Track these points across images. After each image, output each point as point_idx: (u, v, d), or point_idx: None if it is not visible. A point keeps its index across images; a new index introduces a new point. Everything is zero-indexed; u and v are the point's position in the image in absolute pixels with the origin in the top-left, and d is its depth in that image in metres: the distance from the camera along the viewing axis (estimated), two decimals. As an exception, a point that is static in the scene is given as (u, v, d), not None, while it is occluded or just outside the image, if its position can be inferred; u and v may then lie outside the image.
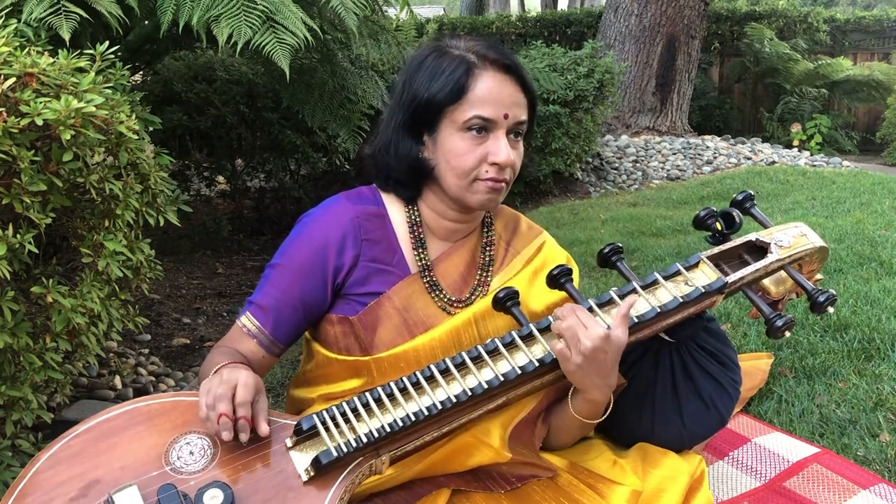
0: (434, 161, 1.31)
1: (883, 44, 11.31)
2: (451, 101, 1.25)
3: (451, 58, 1.28)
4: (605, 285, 3.18)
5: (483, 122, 1.25)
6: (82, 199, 1.69)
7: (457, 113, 1.26)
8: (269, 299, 1.32)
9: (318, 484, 1.11)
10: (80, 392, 2.38)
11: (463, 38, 1.33)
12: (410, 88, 1.30)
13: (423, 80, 1.28)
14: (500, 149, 1.25)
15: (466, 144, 1.26)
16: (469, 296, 1.36)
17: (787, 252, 1.35)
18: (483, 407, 1.22)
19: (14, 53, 1.51)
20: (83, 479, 1.06)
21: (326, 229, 1.32)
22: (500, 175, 1.27)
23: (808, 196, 4.83)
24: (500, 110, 1.26)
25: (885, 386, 2.03)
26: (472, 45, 1.30)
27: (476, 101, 1.25)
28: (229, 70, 4.40)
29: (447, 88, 1.25)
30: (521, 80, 1.29)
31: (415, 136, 1.31)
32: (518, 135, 1.31)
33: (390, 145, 1.33)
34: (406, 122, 1.31)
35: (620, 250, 1.36)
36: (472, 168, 1.26)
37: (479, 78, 1.26)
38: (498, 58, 1.28)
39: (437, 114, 1.27)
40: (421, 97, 1.27)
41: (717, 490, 1.62)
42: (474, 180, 1.27)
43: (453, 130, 1.27)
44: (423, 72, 1.29)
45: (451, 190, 1.30)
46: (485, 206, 1.30)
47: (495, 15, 11.94)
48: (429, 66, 1.29)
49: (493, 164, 1.26)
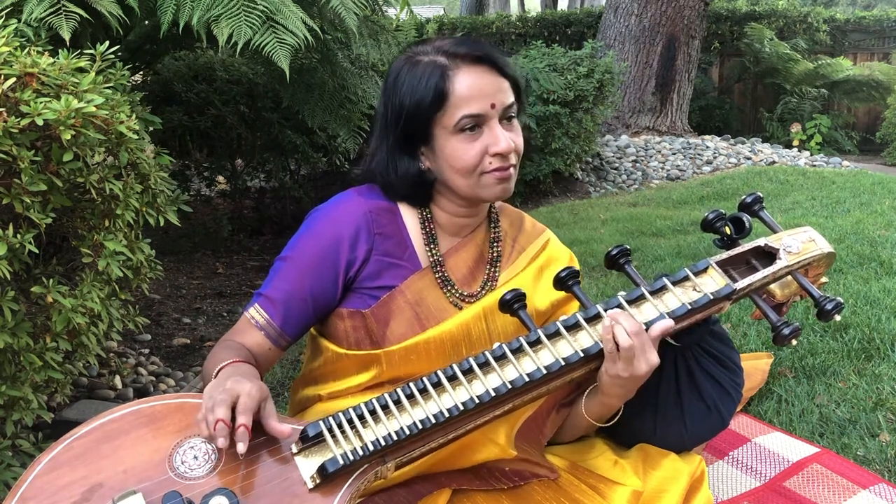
0: (437, 170, 1.30)
1: (883, 44, 11.31)
2: (436, 109, 1.25)
3: (423, 66, 1.27)
4: (605, 285, 3.18)
5: (473, 120, 1.25)
6: (82, 199, 1.69)
7: (445, 118, 1.25)
8: (279, 292, 1.31)
9: (324, 491, 1.09)
10: (81, 392, 2.38)
11: (430, 41, 1.31)
12: (393, 107, 1.29)
13: (403, 95, 1.27)
14: (499, 138, 1.25)
15: (463, 144, 1.26)
16: (479, 290, 1.37)
17: (795, 258, 1.32)
18: (489, 413, 1.20)
19: (14, 53, 1.51)
20: (86, 482, 1.04)
21: (339, 224, 1.32)
22: (505, 163, 1.27)
23: (808, 196, 4.83)
24: (486, 102, 1.25)
25: (885, 386, 2.03)
26: (440, 46, 1.29)
27: (460, 102, 1.24)
28: (229, 70, 4.40)
29: (428, 98, 1.24)
30: (496, 65, 1.28)
31: (410, 152, 1.31)
32: (511, 117, 1.30)
33: (388, 167, 1.32)
34: (398, 141, 1.30)
35: (628, 252, 1.33)
36: (475, 165, 1.26)
37: (456, 78, 1.25)
38: (468, 51, 1.27)
39: (426, 125, 1.27)
40: (406, 112, 1.27)
41: (717, 490, 1.62)
42: (481, 175, 1.27)
43: (447, 136, 1.26)
44: (399, 87, 1.28)
45: (463, 191, 1.30)
46: (500, 196, 1.31)
47: (495, 15, 11.92)
48: (404, 80, 1.28)
49: (496, 155, 1.26)
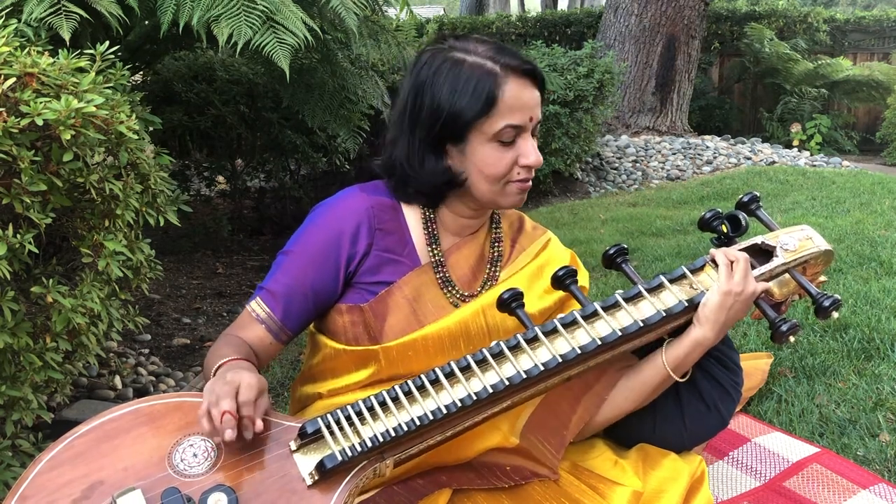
0: (463, 171, 1.30)
1: (883, 44, 11.31)
2: (482, 115, 1.25)
3: (472, 67, 1.26)
4: (604, 285, 3.18)
5: (515, 131, 1.27)
6: (82, 199, 1.69)
7: (486, 125, 1.26)
8: (280, 286, 1.32)
9: (322, 488, 1.10)
10: (80, 392, 2.38)
11: (472, 41, 1.31)
12: (430, 102, 1.27)
13: (444, 93, 1.26)
14: (531, 151, 1.28)
15: (498, 153, 1.27)
16: (479, 290, 1.38)
17: (792, 256, 1.33)
18: (487, 410, 1.21)
19: (14, 53, 1.51)
20: (86, 480, 1.05)
21: (341, 218, 1.32)
22: (530, 174, 1.31)
23: (808, 196, 4.83)
24: (527, 115, 1.28)
25: (885, 386, 2.03)
26: (488, 52, 1.28)
27: (505, 111, 1.25)
28: (229, 70, 4.40)
29: (477, 103, 1.24)
30: (539, 80, 1.31)
31: (438, 149, 1.30)
32: (534, 132, 1.33)
33: (412, 160, 1.31)
34: (429, 137, 1.29)
35: (626, 251, 1.35)
36: (504, 173, 1.28)
37: (506, 88, 1.25)
38: (519, 64, 1.28)
39: (464, 128, 1.27)
40: (446, 112, 1.26)
41: (717, 490, 1.62)
42: (507, 183, 1.30)
43: (483, 141, 1.27)
44: (440, 83, 1.26)
45: (484, 196, 1.31)
46: (515, 204, 1.34)
47: (495, 15, 11.91)
48: (446, 76, 1.26)
49: (524, 167, 1.29)
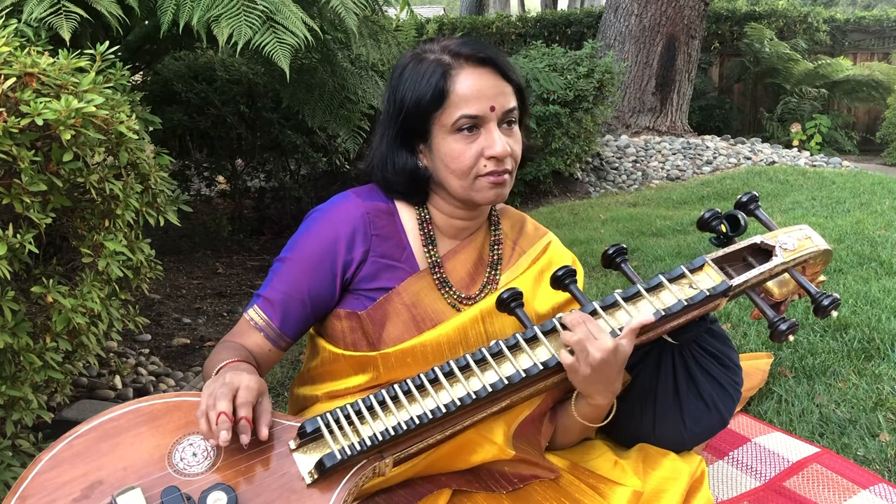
0: (432, 168, 1.31)
1: (883, 44, 11.31)
2: (436, 107, 1.26)
3: (427, 63, 1.28)
4: (604, 285, 3.18)
5: (471, 121, 1.25)
6: (82, 199, 1.69)
7: (443, 117, 1.26)
8: (277, 293, 1.32)
9: (322, 486, 1.10)
10: (81, 392, 2.38)
11: (439, 40, 1.32)
12: (395, 101, 1.30)
13: (405, 90, 1.28)
14: (495, 141, 1.25)
15: (460, 145, 1.26)
16: (479, 293, 1.37)
17: (791, 255, 1.33)
18: (486, 410, 1.21)
19: (14, 53, 1.51)
20: (86, 479, 1.05)
21: (336, 224, 1.32)
22: (500, 167, 1.27)
23: (808, 196, 4.83)
24: (485, 104, 1.25)
25: (885, 386, 2.03)
26: (446, 45, 1.30)
27: (459, 101, 1.25)
28: (229, 70, 4.40)
29: (428, 95, 1.25)
30: (499, 69, 1.29)
31: (409, 147, 1.32)
32: (511, 122, 1.30)
33: (386, 161, 1.33)
34: (397, 135, 1.31)
35: (625, 251, 1.35)
36: (470, 167, 1.27)
37: (458, 77, 1.26)
38: (473, 52, 1.27)
39: (425, 121, 1.28)
40: (406, 108, 1.28)
41: (717, 490, 1.62)
42: (476, 178, 1.28)
43: (444, 134, 1.27)
44: (404, 82, 1.29)
45: (457, 192, 1.30)
46: (493, 201, 1.31)
47: (495, 15, 11.91)
48: (409, 75, 1.29)
49: (491, 158, 1.26)
